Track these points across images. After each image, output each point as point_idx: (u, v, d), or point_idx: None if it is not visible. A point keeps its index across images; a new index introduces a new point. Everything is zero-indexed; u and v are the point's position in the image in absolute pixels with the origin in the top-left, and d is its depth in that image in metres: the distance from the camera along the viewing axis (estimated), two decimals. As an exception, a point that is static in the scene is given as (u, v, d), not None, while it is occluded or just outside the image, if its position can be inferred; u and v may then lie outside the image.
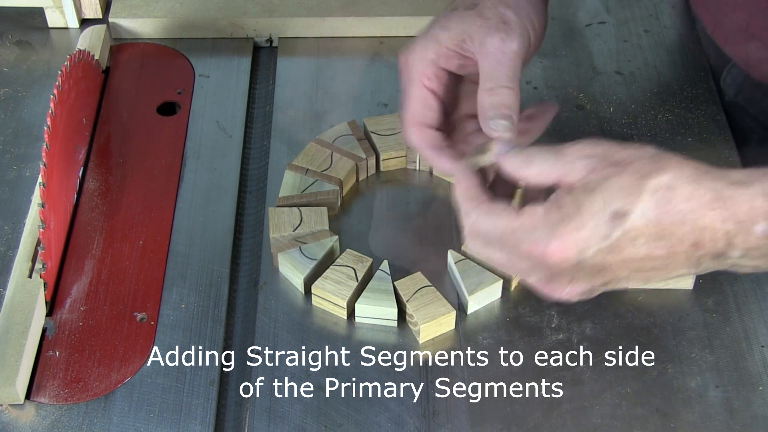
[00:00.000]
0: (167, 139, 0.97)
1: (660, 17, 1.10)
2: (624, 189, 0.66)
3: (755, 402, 0.77)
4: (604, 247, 0.66)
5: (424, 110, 0.81)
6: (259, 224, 0.90)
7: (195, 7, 1.07)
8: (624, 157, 0.68)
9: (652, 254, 0.66)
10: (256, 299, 0.84)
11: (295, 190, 0.89)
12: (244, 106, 1.00)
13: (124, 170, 0.94)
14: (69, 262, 0.86)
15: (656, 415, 0.76)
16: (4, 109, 1.00)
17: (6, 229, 0.89)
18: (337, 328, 0.82)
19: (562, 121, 0.98)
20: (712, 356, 0.80)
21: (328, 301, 0.82)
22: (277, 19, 1.06)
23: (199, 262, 0.86)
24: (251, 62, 1.05)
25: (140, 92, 1.01)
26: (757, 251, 0.66)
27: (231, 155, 0.95)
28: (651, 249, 0.66)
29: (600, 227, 0.66)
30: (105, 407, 0.77)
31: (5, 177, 0.93)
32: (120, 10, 1.07)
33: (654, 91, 1.02)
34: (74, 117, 0.92)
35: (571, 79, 1.03)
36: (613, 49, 1.06)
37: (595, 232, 0.66)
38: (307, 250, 0.84)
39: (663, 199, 0.65)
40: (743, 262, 0.67)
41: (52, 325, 0.82)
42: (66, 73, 0.89)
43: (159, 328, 0.82)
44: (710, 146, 0.96)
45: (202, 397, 0.77)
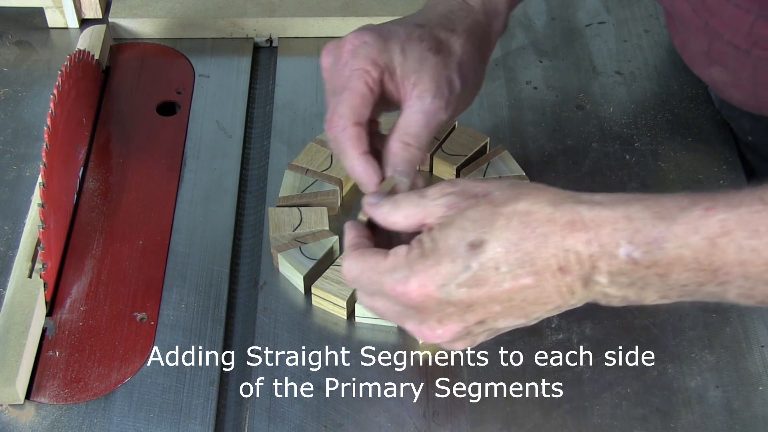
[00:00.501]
0: (167, 139, 0.97)
1: (660, 17, 1.10)
2: (478, 220, 0.65)
3: (755, 402, 0.77)
4: (466, 280, 0.65)
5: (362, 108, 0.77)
6: (259, 224, 0.90)
7: (195, 7, 1.07)
8: (481, 190, 0.67)
9: (520, 283, 0.64)
10: (256, 299, 0.84)
11: (295, 190, 0.89)
12: (244, 106, 1.00)
13: (124, 170, 0.94)
14: (69, 262, 0.86)
15: (656, 415, 0.76)
16: (4, 109, 1.00)
17: (6, 229, 0.89)
18: (337, 328, 0.82)
19: (562, 121, 0.98)
20: (712, 356, 0.80)
21: (328, 301, 0.82)
22: (277, 19, 1.06)
23: (199, 262, 0.86)
24: (251, 62, 1.05)
25: (140, 92, 1.01)
26: (624, 277, 0.64)
27: (231, 155, 0.95)
28: (517, 278, 0.64)
29: (458, 259, 0.65)
30: (105, 407, 0.77)
31: (5, 177, 0.93)
32: (120, 10, 1.07)
33: (654, 91, 1.02)
34: (74, 117, 0.92)
35: (571, 79, 1.03)
36: (613, 49, 1.06)
37: (453, 264, 0.65)
38: (306, 250, 0.84)
39: (520, 224, 0.64)
40: (611, 291, 0.65)
41: (52, 325, 0.82)
42: (66, 73, 0.89)
43: (159, 328, 0.82)
44: (710, 146, 0.96)
45: (202, 397, 0.77)
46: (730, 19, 0.77)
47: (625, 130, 0.98)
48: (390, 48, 0.76)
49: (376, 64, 0.76)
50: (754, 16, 0.80)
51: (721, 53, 0.80)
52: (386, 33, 0.77)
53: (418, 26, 0.78)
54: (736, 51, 0.79)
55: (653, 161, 0.94)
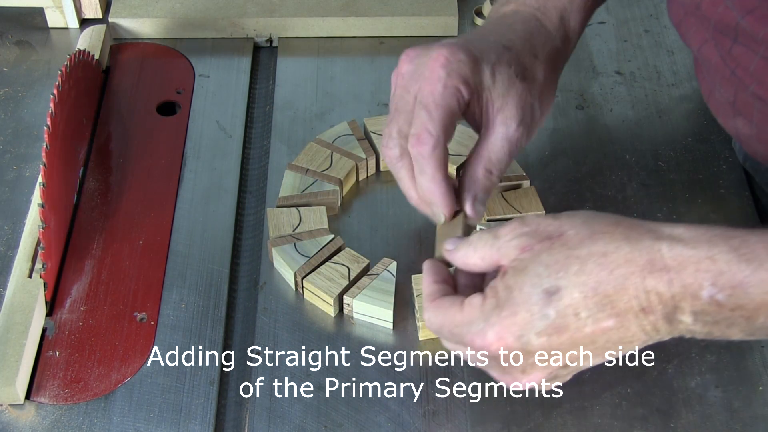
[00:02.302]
0: (167, 139, 0.97)
1: (660, 17, 1.10)
2: (552, 265, 0.64)
3: (755, 402, 0.77)
4: (544, 328, 0.64)
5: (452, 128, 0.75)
6: (259, 224, 0.90)
7: (195, 7, 1.07)
8: (554, 230, 0.65)
9: (602, 326, 0.63)
10: (256, 299, 0.84)
11: (295, 190, 0.89)
12: (244, 106, 1.00)
13: (124, 170, 0.94)
14: (69, 262, 0.86)
15: (656, 415, 0.76)
16: (4, 109, 1.00)
17: (6, 229, 0.89)
18: (337, 329, 0.82)
19: (562, 121, 0.98)
20: (712, 356, 0.80)
21: (318, 297, 0.82)
22: (277, 19, 1.06)
23: (199, 262, 0.86)
24: (251, 62, 1.05)
25: (140, 92, 1.01)
26: (708, 317, 0.62)
27: (231, 155, 0.95)
28: (598, 321, 0.63)
29: (534, 308, 0.63)
30: (105, 407, 0.77)
31: (5, 177, 0.93)
32: (120, 10, 1.07)
33: (654, 91, 1.02)
34: (74, 117, 0.92)
35: (571, 79, 1.03)
36: (613, 49, 1.06)
37: (530, 314, 0.64)
38: (301, 247, 0.84)
39: (597, 266, 0.63)
40: (696, 328, 0.63)
41: (52, 325, 0.82)
42: (66, 73, 0.89)
43: (159, 328, 0.82)
44: (710, 147, 0.96)
45: (202, 397, 0.77)
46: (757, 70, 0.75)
47: (625, 130, 0.98)
48: (481, 69, 0.74)
49: (468, 84, 0.74)
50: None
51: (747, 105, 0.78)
52: (479, 53, 0.75)
53: (507, 49, 0.76)
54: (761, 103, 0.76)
55: (653, 161, 0.94)
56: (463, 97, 0.74)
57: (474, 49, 0.75)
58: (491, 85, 0.75)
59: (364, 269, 0.83)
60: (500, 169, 0.76)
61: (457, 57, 0.74)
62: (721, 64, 0.79)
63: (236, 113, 0.99)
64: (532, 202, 0.88)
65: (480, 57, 0.75)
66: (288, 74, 1.03)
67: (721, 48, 0.78)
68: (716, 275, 0.61)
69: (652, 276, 0.62)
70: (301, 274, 0.83)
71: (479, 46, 0.76)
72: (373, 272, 0.83)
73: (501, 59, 0.75)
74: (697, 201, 0.91)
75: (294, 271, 0.83)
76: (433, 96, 0.73)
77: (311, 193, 0.89)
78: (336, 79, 1.03)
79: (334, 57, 1.05)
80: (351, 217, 0.90)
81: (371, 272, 0.83)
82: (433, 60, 0.74)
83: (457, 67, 0.73)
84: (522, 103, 0.75)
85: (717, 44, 0.79)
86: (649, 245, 0.62)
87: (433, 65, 0.74)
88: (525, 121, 0.76)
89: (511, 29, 0.79)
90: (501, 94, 0.75)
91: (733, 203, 0.91)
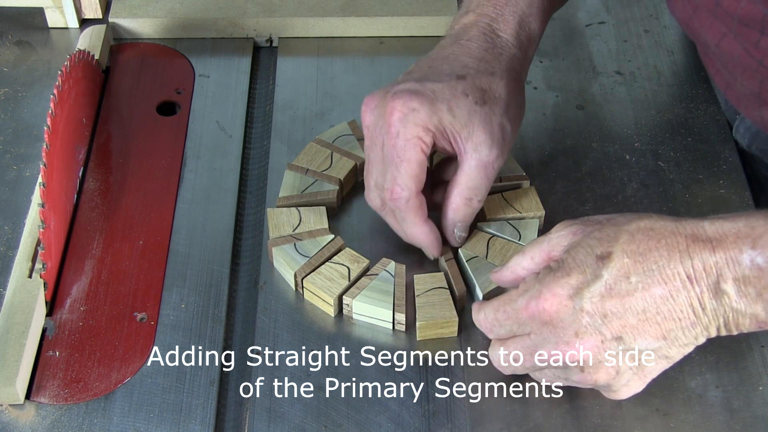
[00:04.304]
0: (167, 139, 0.97)
1: (660, 17, 1.10)
2: (603, 238, 0.69)
3: (755, 402, 0.77)
4: (598, 288, 0.68)
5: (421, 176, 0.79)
6: (259, 224, 0.90)
7: (195, 7, 1.07)
8: (603, 218, 0.71)
9: (651, 292, 0.67)
10: (256, 299, 0.84)
11: (295, 190, 0.89)
12: (244, 106, 1.00)
13: (124, 170, 0.94)
14: (69, 262, 0.86)
15: (656, 415, 0.76)
16: (4, 109, 1.00)
17: (6, 229, 0.89)
18: (336, 328, 0.82)
19: (562, 121, 0.98)
20: (712, 356, 0.80)
21: (317, 296, 0.82)
22: (277, 19, 1.06)
23: (199, 262, 0.86)
24: (251, 62, 1.05)
25: (140, 92, 1.01)
26: (750, 287, 0.66)
27: (231, 155, 0.95)
28: (647, 286, 0.67)
29: (587, 270, 0.68)
30: (105, 407, 0.77)
31: (5, 177, 0.93)
32: (120, 10, 1.07)
33: (654, 91, 1.02)
34: (74, 117, 0.92)
35: (571, 79, 1.03)
36: (613, 49, 1.06)
37: (584, 275, 0.68)
38: (301, 247, 0.84)
39: (645, 237, 0.68)
40: (740, 306, 0.67)
41: (52, 325, 0.82)
42: (66, 73, 0.89)
43: (159, 328, 0.82)
44: (710, 146, 0.96)
45: (202, 397, 0.77)
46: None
47: (625, 130, 0.98)
48: (437, 109, 0.77)
49: (427, 129, 0.77)
50: None
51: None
52: (431, 95, 0.77)
53: (460, 79, 0.78)
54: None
55: (653, 161, 0.94)
56: (425, 144, 0.77)
57: (426, 92, 0.77)
58: (452, 119, 0.77)
59: (364, 269, 0.83)
60: (481, 194, 0.80)
61: (409, 107, 0.77)
62: (745, 57, 0.81)
63: (236, 113, 0.99)
64: (532, 202, 0.88)
65: (434, 97, 0.77)
66: (288, 74, 1.03)
67: (746, 41, 0.80)
68: (755, 239, 0.65)
69: (696, 245, 0.66)
70: (301, 274, 0.83)
71: (432, 87, 0.78)
72: (372, 272, 0.83)
73: (455, 93, 0.78)
74: (697, 201, 0.91)
75: (294, 271, 0.83)
76: (396, 150, 0.77)
77: (311, 193, 0.89)
78: (336, 79, 1.03)
79: (334, 57, 1.05)
80: (351, 217, 0.90)
81: (370, 272, 0.83)
82: (388, 115, 0.77)
83: (412, 118, 0.77)
84: (488, 126, 0.78)
85: (740, 37, 0.80)
86: (693, 223, 0.68)
87: (389, 120, 0.77)
88: (496, 141, 0.78)
89: (466, 50, 0.81)
90: (464, 124, 0.77)
91: (733, 203, 0.91)
